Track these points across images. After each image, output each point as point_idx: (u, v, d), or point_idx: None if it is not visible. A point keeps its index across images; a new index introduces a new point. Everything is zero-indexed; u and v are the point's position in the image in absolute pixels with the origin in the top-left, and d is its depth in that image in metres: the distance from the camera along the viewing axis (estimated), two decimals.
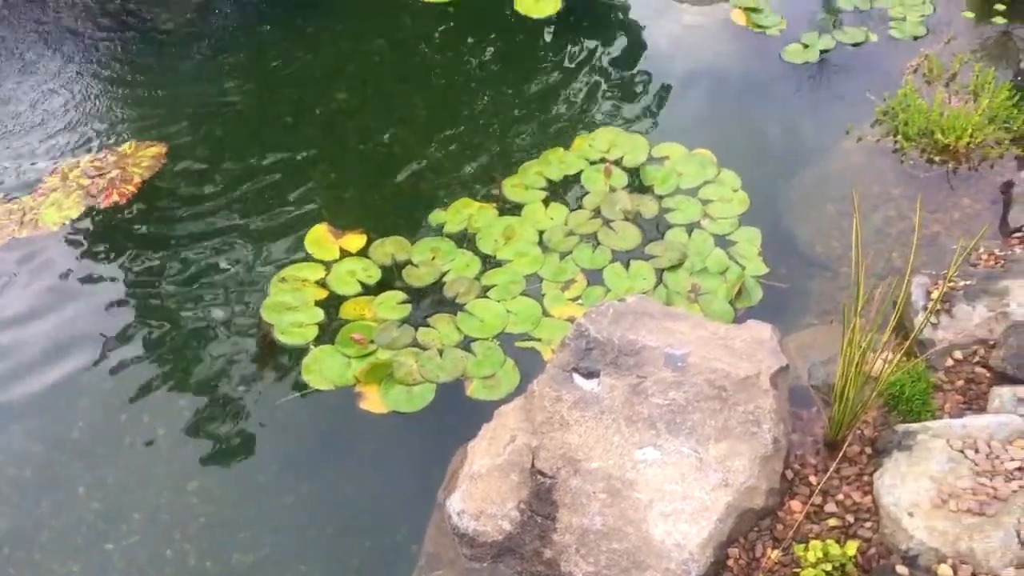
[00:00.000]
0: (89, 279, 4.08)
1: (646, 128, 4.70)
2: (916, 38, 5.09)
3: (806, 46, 5.07)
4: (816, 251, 4.09)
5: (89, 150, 4.56)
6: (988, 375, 3.22)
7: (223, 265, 4.11)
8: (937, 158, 4.34)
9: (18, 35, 5.19)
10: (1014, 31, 5.12)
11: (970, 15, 5.20)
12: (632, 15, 5.41)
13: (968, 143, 4.28)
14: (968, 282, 3.49)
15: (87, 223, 4.26)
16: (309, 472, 3.45)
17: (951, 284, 3.47)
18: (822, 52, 5.04)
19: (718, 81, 4.99)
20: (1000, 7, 5.21)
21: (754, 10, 5.27)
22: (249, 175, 4.48)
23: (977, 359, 3.29)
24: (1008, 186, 4.13)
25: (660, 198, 4.31)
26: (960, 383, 3.26)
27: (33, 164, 4.51)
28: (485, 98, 4.97)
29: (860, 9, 5.30)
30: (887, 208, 4.19)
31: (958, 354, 3.32)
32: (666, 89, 4.95)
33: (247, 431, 3.57)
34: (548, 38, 5.29)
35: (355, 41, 5.32)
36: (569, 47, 5.22)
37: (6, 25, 5.26)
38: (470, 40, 5.31)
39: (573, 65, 5.12)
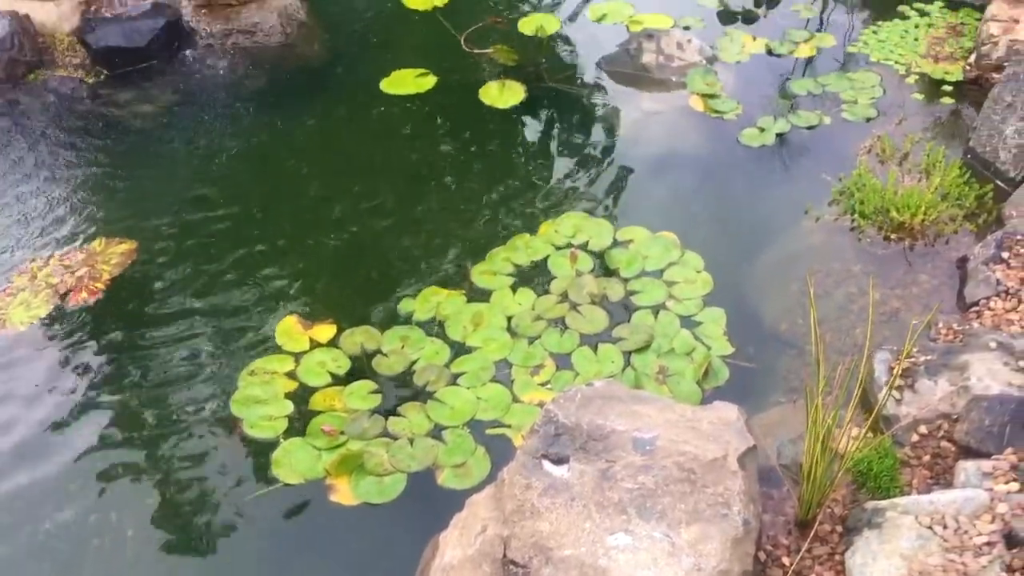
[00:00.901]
0: (57, 379, 4.05)
1: (610, 212, 4.80)
2: (868, 120, 5.25)
3: (762, 130, 5.22)
4: (781, 329, 4.16)
5: (59, 248, 4.58)
6: (953, 449, 3.26)
7: (192, 360, 4.10)
8: (893, 235, 4.45)
9: None
10: (963, 110, 5.30)
11: (919, 97, 5.39)
12: (594, 103, 5.55)
13: (923, 220, 4.40)
14: (929, 357, 3.55)
15: (55, 322, 4.25)
16: (281, 568, 3.41)
17: (912, 359, 3.53)
18: (778, 135, 5.18)
19: (679, 165, 5.11)
20: (947, 88, 5.40)
21: (711, 96, 5.43)
22: (219, 269, 4.50)
23: (942, 433, 3.33)
24: (963, 261, 4.23)
25: (626, 281, 4.38)
26: (927, 458, 3.29)
27: (2, 263, 4.51)
28: (453, 187, 5.07)
29: (813, 93, 5.47)
30: (848, 285, 4.28)
31: (923, 429, 3.36)
32: (629, 174, 5.06)
33: (217, 528, 3.52)
34: (513, 127, 5.42)
35: (325, 134, 5.43)
36: (534, 136, 5.36)
37: None
38: (438, 131, 5.43)
39: (538, 153, 5.24)
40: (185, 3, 5.92)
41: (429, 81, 5.67)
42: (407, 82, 5.67)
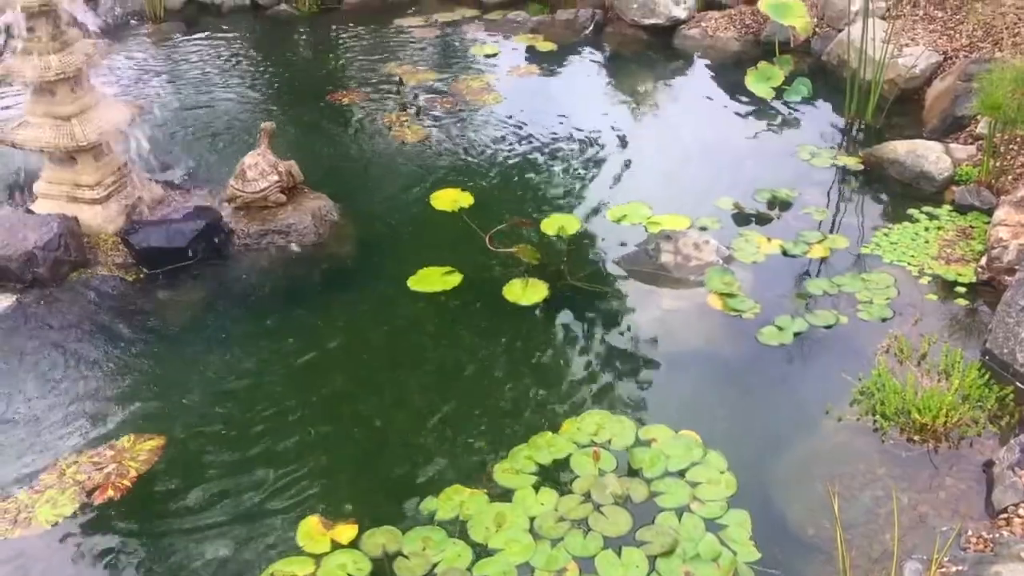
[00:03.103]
0: None
1: (632, 411, 4.83)
2: (884, 320, 5.35)
3: (780, 328, 5.32)
4: (808, 533, 4.10)
5: (88, 444, 4.63)
6: None
7: (212, 563, 4.06)
8: (917, 437, 4.45)
9: (21, 333, 5.40)
10: (978, 309, 5.40)
11: (933, 297, 5.50)
12: (614, 302, 5.70)
13: (945, 422, 4.40)
14: (960, 568, 3.48)
15: (80, 521, 4.24)
16: None
17: (943, 569, 3.47)
18: (796, 334, 5.27)
19: (699, 363, 5.19)
20: (961, 289, 5.52)
21: (729, 295, 5.58)
22: (244, 466, 4.54)
23: None
24: (989, 465, 4.21)
25: (649, 481, 4.37)
26: None
27: (32, 460, 4.56)
28: (476, 383, 5.15)
29: (829, 293, 5.60)
30: (874, 488, 4.25)
31: None
32: (650, 372, 5.13)
33: None
34: (536, 325, 5.55)
35: (353, 330, 5.57)
36: (556, 333, 5.48)
37: (9, 323, 5.49)
38: (462, 328, 5.57)
39: (560, 350, 5.35)
40: (225, 206, 6.25)
41: (455, 279, 5.86)
42: (433, 280, 5.87)
